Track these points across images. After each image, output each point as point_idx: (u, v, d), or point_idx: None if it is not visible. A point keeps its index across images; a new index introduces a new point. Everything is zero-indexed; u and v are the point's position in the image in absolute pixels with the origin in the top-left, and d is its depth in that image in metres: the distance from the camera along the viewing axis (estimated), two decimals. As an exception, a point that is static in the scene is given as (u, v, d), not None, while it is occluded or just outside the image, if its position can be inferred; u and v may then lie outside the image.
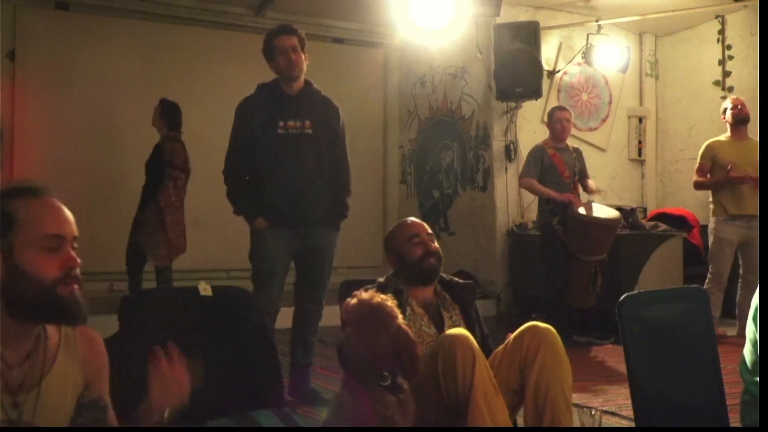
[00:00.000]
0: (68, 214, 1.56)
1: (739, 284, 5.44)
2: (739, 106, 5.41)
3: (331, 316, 3.09)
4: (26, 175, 6.33)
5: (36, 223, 1.50)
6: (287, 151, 3.55)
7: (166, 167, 5.57)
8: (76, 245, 1.56)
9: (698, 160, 5.50)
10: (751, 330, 2.22)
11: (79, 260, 1.53)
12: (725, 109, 5.50)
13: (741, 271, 5.44)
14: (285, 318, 3.73)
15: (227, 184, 3.67)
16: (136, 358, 2.30)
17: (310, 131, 3.59)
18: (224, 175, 3.68)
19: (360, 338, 2.04)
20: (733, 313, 5.51)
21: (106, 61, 6.86)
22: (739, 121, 5.40)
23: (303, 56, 3.60)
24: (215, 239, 6.31)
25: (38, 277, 1.47)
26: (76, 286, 1.51)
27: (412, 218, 2.85)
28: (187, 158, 5.64)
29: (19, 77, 6.68)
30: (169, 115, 5.71)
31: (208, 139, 7.07)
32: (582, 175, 5.61)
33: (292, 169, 3.56)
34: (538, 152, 5.52)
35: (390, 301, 2.13)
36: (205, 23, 7.44)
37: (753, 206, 5.23)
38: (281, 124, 3.55)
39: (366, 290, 2.31)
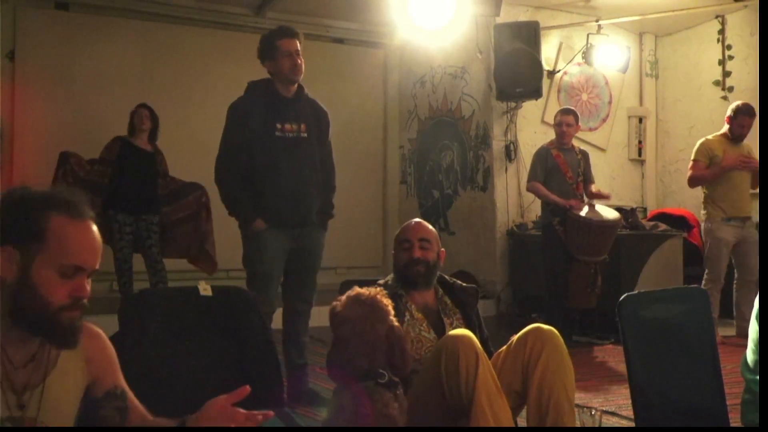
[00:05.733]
0: (98, 244, 1.53)
1: (735, 285, 5.46)
2: (745, 126, 5.36)
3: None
4: (26, 175, 6.32)
5: (63, 248, 1.46)
6: (285, 154, 3.56)
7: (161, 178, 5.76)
8: (91, 277, 1.54)
9: (693, 156, 5.46)
10: (754, 329, 2.23)
11: (89, 290, 1.51)
12: (735, 113, 5.36)
13: (736, 272, 5.45)
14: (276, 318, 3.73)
15: (221, 187, 3.64)
16: (136, 357, 2.31)
17: (305, 135, 3.62)
18: (217, 177, 3.64)
19: (356, 334, 2.05)
20: (731, 313, 5.52)
21: (106, 61, 6.86)
22: (737, 137, 5.41)
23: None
24: (215, 239, 6.30)
25: (46, 300, 1.45)
26: (78, 313, 1.50)
27: (417, 220, 2.81)
28: None
29: (19, 77, 6.69)
30: (155, 122, 5.73)
31: (207, 139, 7.04)
32: (586, 179, 5.61)
33: (290, 171, 3.56)
34: (542, 154, 5.53)
35: (381, 296, 2.14)
36: (204, 23, 7.45)
37: (746, 208, 5.37)
38: (279, 126, 3.55)
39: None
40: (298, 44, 3.59)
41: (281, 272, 3.64)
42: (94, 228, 1.52)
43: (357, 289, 2.15)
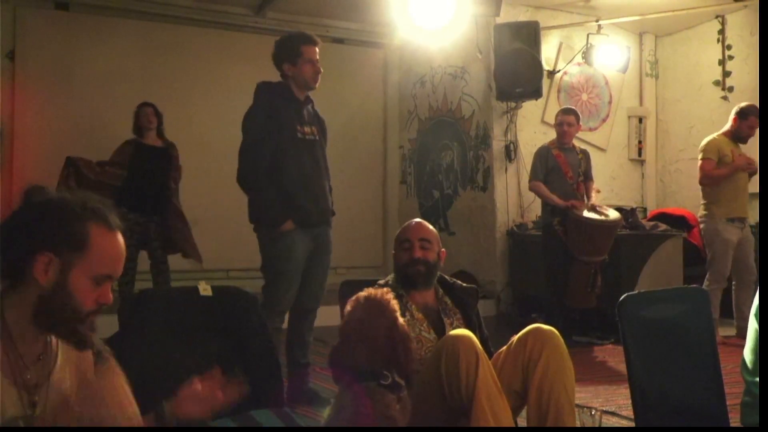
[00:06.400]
0: (124, 254, 1.61)
1: (735, 285, 5.47)
2: (754, 128, 5.38)
3: (331, 316, 3.09)
4: (26, 176, 6.32)
5: (101, 258, 1.54)
6: (307, 155, 3.61)
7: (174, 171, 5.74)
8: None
9: (704, 155, 5.41)
10: (753, 327, 2.22)
11: (111, 297, 1.58)
12: (746, 115, 5.36)
13: (736, 272, 5.45)
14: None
15: (252, 189, 3.59)
16: (135, 357, 2.31)
17: (317, 137, 3.68)
18: (245, 179, 3.58)
19: (359, 331, 2.06)
20: (731, 313, 5.52)
21: (106, 61, 6.87)
22: (744, 138, 5.44)
23: None
24: (215, 239, 6.31)
25: (79, 305, 1.51)
26: (95, 317, 1.57)
27: (417, 220, 2.82)
28: None
29: (19, 77, 6.69)
30: (160, 118, 5.73)
31: (208, 139, 7.10)
32: (586, 178, 5.61)
33: (312, 172, 3.62)
34: (543, 154, 5.54)
35: (389, 296, 2.16)
36: (205, 23, 7.45)
37: (746, 209, 5.46)
38: (299, 128, 3.60)
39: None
40: (317, 52, 3.64)
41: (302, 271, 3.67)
42: (121, 238, 1.60)
43: (363, 291, 2.17)
